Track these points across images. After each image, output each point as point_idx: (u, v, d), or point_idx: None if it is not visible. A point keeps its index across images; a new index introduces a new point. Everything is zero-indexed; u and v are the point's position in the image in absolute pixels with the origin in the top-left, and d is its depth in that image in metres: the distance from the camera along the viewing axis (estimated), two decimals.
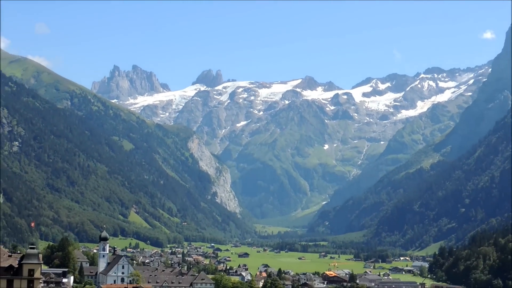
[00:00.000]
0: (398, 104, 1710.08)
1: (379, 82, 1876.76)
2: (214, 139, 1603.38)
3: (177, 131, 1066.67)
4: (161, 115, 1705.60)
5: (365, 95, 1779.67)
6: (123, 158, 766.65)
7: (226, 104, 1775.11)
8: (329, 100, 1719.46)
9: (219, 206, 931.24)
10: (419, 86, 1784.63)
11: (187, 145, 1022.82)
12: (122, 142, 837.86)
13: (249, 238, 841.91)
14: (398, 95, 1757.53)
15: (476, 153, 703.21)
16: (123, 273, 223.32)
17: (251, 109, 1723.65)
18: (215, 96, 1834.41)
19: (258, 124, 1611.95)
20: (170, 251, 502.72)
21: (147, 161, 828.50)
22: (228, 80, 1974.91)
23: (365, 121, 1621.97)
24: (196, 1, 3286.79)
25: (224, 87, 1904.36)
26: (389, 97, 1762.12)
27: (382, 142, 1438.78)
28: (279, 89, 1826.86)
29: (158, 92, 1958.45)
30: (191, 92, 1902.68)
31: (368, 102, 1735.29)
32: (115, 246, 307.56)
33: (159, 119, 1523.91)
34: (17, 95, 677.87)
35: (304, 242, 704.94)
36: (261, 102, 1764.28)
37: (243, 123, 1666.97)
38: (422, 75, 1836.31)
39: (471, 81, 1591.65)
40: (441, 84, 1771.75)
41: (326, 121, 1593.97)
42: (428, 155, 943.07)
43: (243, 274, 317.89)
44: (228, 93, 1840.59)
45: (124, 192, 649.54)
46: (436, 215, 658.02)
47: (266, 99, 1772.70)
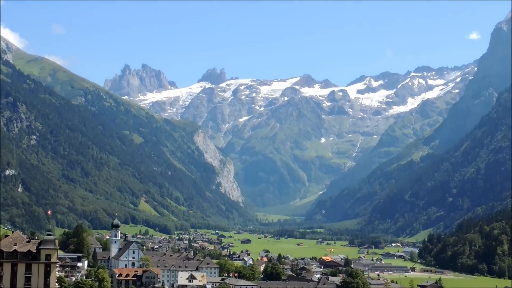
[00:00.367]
0: (390, 100, 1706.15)
1: (372, 80, 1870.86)
2: (218, 133, 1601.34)
3: (184, 126, 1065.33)
4: (169, 111, 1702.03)
5: (359, 92, 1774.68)
6: (134, 151, 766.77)
7: (229, 100, 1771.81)
8: (325, 96, 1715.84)
9: (223, 196, 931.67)
10: (410, 83, 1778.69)
11: (193, 138, 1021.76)
12: (132, 136, 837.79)
13: (251, 225, 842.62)
14: (390, 92, 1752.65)
15: (463, 146, 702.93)
16: (133, 257, 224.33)
17: (253, 105, 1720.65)
18: (219, 93, 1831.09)
19: (259, 119, 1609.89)
20: (177, 237, 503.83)
21: (155, 154, 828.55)
22: (231, 78, 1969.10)
23: (359, 116, 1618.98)
24: (201, 3, 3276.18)
25: (228, 85, 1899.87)
26: (382, 94, 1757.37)
27: (375, 136, 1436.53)
28: (279, 86, 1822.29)
29: (166, 89, 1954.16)
30: (196, 89, 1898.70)
31: (362, 98, 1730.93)
32: (126, 233, 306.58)
33: (167, 114, 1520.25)
34: (35, 92, 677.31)
35: (302, 229, 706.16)
36: (262, 98, 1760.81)
37: (245, 118, 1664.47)
38: (413, 73, 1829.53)
39: (458, 79, 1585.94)
40: (430, 82, 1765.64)
41: (322, 116, 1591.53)
42: (418, 148, 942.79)
43: (246, 259, 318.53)
44: (231, 90, 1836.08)
45: (134, 183, 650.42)
46: (426, 204, 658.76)
47: (266, 96, 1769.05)
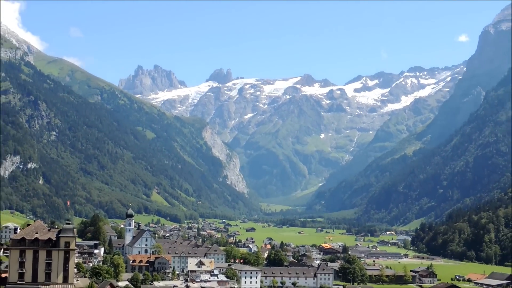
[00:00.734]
0: (385, 98, 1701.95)
1: (368, 79, 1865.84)
2: (225, 129, 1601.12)
3: (193, 122, 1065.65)
4: (179, 108, 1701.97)
5: (356, 90, 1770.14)
6: (146, 146, 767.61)
7: (235, 98, 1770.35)
8: (324, 95, 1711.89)
9: (229, 187, 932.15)
10: (403, 83, 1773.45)
11: (202, 134, 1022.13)
12: (145, 132, 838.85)
13: (255, 215, 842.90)
14: (385, 90, 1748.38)
15: (453, 142, 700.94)
16: (146, 245, 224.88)
17: (257, 103, 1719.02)
18: (225, 92, 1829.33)
19: (263, 116, 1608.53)
20: (187, 226, 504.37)
21: (167, 148, 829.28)
22: (237, 78, 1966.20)
23: (356, 113, 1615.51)
24: (211, 9, 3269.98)
25: (234, 84, 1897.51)
26: (377, 92, 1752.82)
27: (371, 132, 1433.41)
28: (281, 85, 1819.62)
29: (176, 88, 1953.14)
30: (205, 88, 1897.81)
31: (359, 96, 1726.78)
32: (139, 222, 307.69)
33: (177, 111, 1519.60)
34: (54, 91, 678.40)
35: (303, 219, 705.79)
36: (265, 97, 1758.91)
37: (250, 115, 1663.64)
38: (406, 73, 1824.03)
39: (449, 79, 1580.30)
40: (422, 81, 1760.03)
41: (322, 113, 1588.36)
42: (411, 143, 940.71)
43: (250, 246, 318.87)
44: (237, 89, 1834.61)
45: (147, 175, 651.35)
46: (418, 195, 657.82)
47: (270, 94, 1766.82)
